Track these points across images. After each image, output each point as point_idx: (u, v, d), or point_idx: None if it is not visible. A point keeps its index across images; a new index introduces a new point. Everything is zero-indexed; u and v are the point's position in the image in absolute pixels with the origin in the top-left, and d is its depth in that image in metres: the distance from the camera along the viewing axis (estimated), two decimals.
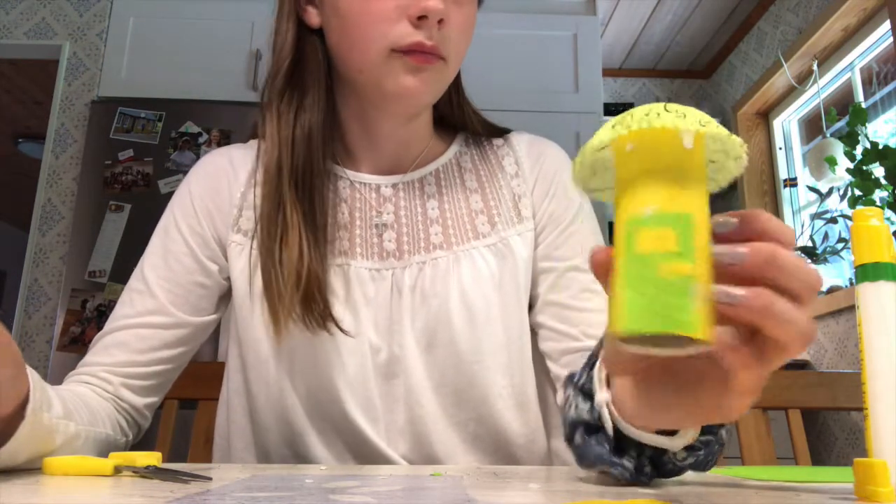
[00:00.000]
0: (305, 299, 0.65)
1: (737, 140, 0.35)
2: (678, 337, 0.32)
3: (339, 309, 0.68)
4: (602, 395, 0.45)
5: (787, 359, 0.33)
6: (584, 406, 0.47)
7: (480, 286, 0.70)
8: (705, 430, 0.44)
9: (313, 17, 0.71)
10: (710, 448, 0.45)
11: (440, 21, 0.64)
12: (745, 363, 0.33)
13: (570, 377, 0.51)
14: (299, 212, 0.67)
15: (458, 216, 0.74)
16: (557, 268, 0.73)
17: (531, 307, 0.75)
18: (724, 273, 0.32)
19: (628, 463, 0.44)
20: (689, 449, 0.44)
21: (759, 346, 0.33)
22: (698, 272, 0.32)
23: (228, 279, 0.74)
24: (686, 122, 0.33)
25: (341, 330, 0.67)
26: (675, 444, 0.43)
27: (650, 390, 0.40)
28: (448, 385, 0.69)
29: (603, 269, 0.35)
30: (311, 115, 0.70)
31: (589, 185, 0.39)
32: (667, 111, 0.34)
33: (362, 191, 0.74)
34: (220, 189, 0.74)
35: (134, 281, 0.72)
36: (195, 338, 0.73)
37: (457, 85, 0.78)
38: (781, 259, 0.32)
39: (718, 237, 0.33)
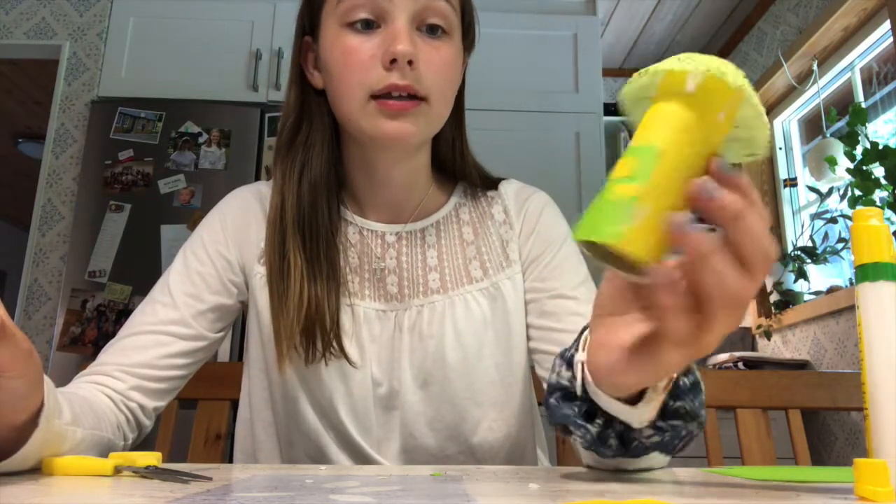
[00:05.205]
0: (306, 335, 0.71)
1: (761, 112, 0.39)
2: (619, 256, 0.35)
3: (347, 343, 0.73)
4: (579, 355, 0.48)
5: (761, 276, 0.36)
6: (566, 374, 0.50)
7: (473, 327, 0.76)
8: (671, 415, 0.47)
9: (318, 79, 0.76)
10: (676, 431, 0.48)
11: (411, 62, 0.67)
12: (730, 273, 0.36)
13: (562, 352, 0.54)
14: (303, 257, 0.72)
15: (455, 264, 0.79)
16: (544, 297, 0.78)
17: (527, 338, 0.80)
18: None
19: (592, 428, 0.47)
20: (656, 429, 0.47)
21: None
22: (646, 196, 0.35)
23: (243, 304, 0.80)
24: (688, 64, 0.38)
25: (348, 360, 0.72)
26: (639, 414, 0.46)
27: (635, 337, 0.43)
28: (441, 420, 0.75)
29: None
30: (316, 168, 0.75)
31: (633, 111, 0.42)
32: (687, 59, 0.38)
33: (369, 237, 0.79)
34: (249, 222, 0.80)
35: (158, 294, 0.76)
36: (207, 352, 0.77)
37: (460, 130, 0.82)
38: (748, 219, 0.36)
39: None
